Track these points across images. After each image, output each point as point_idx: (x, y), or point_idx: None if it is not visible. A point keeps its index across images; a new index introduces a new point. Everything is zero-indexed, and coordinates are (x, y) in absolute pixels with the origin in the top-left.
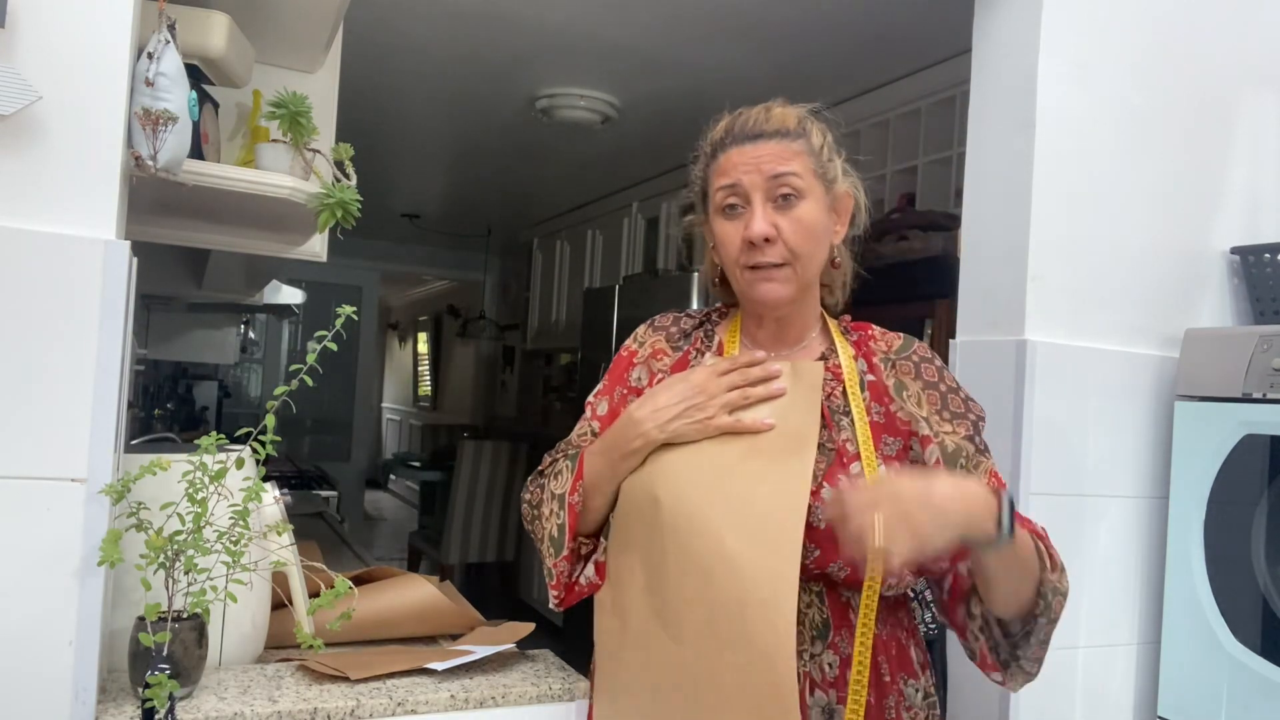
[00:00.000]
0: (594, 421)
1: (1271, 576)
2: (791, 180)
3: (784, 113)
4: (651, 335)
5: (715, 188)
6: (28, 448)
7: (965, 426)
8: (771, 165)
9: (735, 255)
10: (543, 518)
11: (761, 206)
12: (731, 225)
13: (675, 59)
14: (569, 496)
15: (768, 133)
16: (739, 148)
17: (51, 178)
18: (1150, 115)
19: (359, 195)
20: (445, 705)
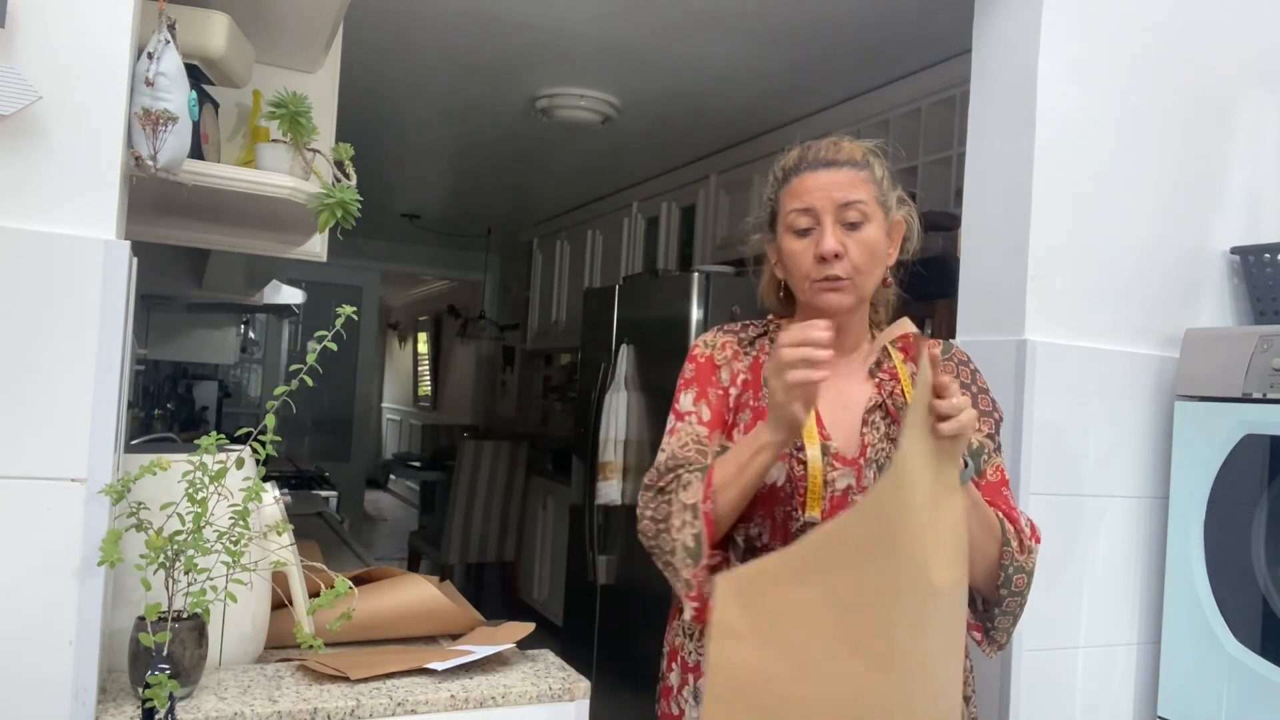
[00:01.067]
0: (700, 428)
1: (1271, 576)
2: (860, 206)
3: (852, 146)
4: (723, 337)
5: (788, 209)
6: (28, 448)
7: (989, 425)
8: (843, 193)
9: (806, 270)
10: (673, 530)
11: (831, 227)
12: (801, 244)
13: (675, 59)
14: (703, 505)
15: (839, 162)
16: (813, 174)
17: (51, 178)
18: (1150, 115)
19: (359, 195)
20: (445, 705)
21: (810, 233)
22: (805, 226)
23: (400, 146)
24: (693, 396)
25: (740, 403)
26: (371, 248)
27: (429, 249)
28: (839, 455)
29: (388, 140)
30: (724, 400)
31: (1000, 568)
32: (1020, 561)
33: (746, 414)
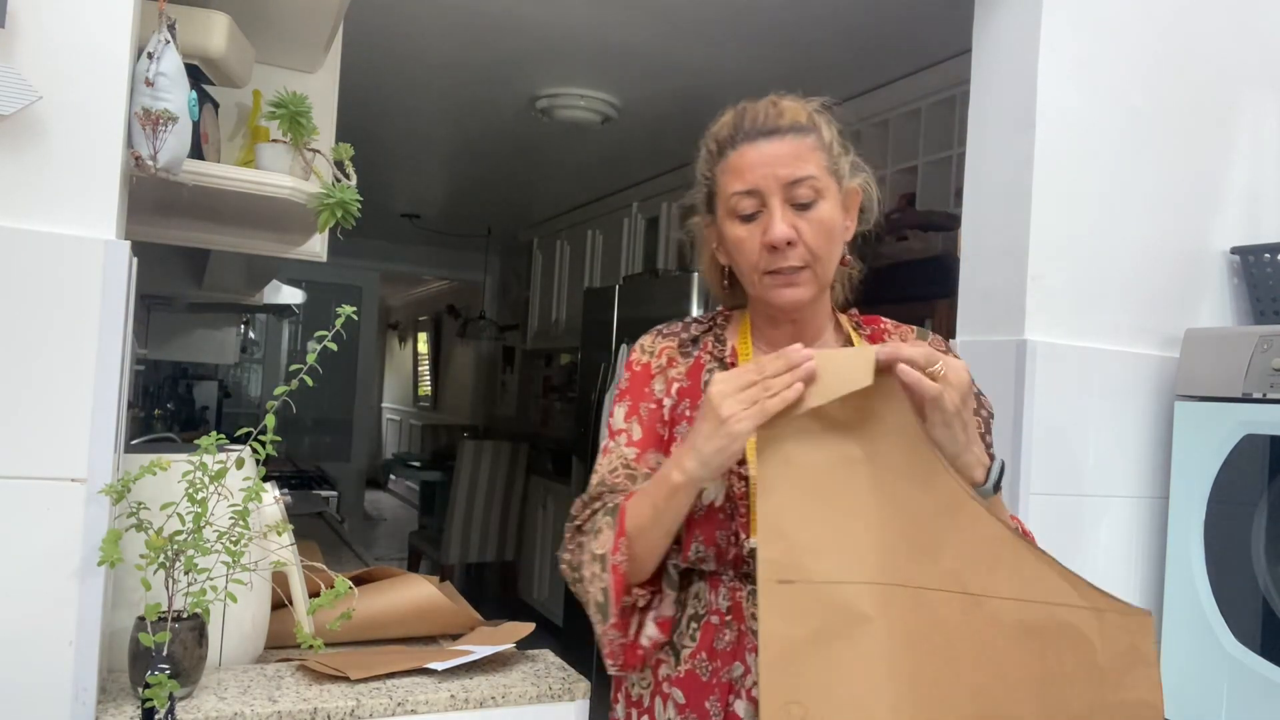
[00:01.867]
0: (629, 449)
1: (1271, 576)
2: (811, 183)
3: (794, 107)
4: (661, 342)
5: (729, 191)
6: (28, 448)
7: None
8: (789, 169)
9: (754, 260)
10: (585, 580)
11: (780, 209)
12: (747, 229)
13: (675, 59)
14: (611, 557)
15: (781, 129)
16: (751, 145)
17: (51, 178)
18: (1150, 115)
19: (359, 195)
20: (445, 705)
21: (756, 217)
22: (750, 210)
23: (400, 146)
24: (625, 411)
25: (676, 414)
26: (371, 248)
27: (429, 249)
28: None
29: (388, 140)
30: (656, 415)
31: None
32: None
33: (683, 426)
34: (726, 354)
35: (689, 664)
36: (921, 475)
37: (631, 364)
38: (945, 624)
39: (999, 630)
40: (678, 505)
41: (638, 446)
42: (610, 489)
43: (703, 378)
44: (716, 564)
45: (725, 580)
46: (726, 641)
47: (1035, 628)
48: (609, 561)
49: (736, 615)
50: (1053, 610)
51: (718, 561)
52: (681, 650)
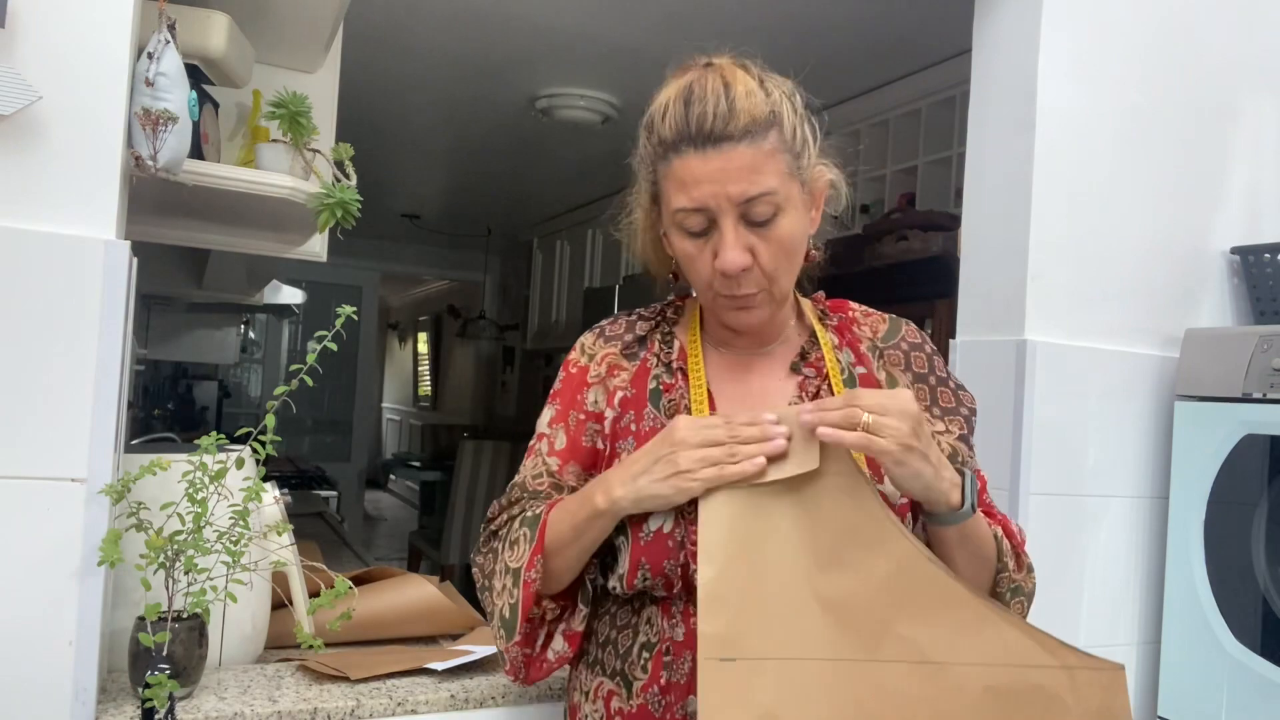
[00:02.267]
0: (551, 458)
1: (1271, 576)
2: (770, 199)
3: (750, 96)
4: (602, 347)
5: (674, 205)
6: (28, 448)
7: (958, 424)
8: (742, 187)
9: (705, 279)
10: (494, 591)
11: (734, 231)
12: (695, 245)
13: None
14: (525, 573)
15: (734, 135)
16: (699, 154)
17: (51, 178)
18: (1150, 115)
19: (359, 195)
20: (445, 705)
21: (706, 233)
22: (698, 228)
23: (400, 146)
24: (552, 415)
25: (620, 428)
26: (371, 248)
27: (429, 249)
28: None
29: (388, 140)
30: (584, 427)
31: (996, 592)
32: (1018, 581)
33: (629, 442)
34: (674, 356)
35: (641, 698)
36: (871, 538)
37: (569, 364)
38: (903, 697)
39: (963, 699)
40: (598, 530)
41: (559, 457)
42: (531, 494)
43: (649, 384)
44: (666, 591)
45: (677, 606)
46: (681, 673)
47: (1004, 692)
48: (521, 577)
49: (690, 644)
50: (1023, 672)
51: (666, 590)
52: (634, 683)
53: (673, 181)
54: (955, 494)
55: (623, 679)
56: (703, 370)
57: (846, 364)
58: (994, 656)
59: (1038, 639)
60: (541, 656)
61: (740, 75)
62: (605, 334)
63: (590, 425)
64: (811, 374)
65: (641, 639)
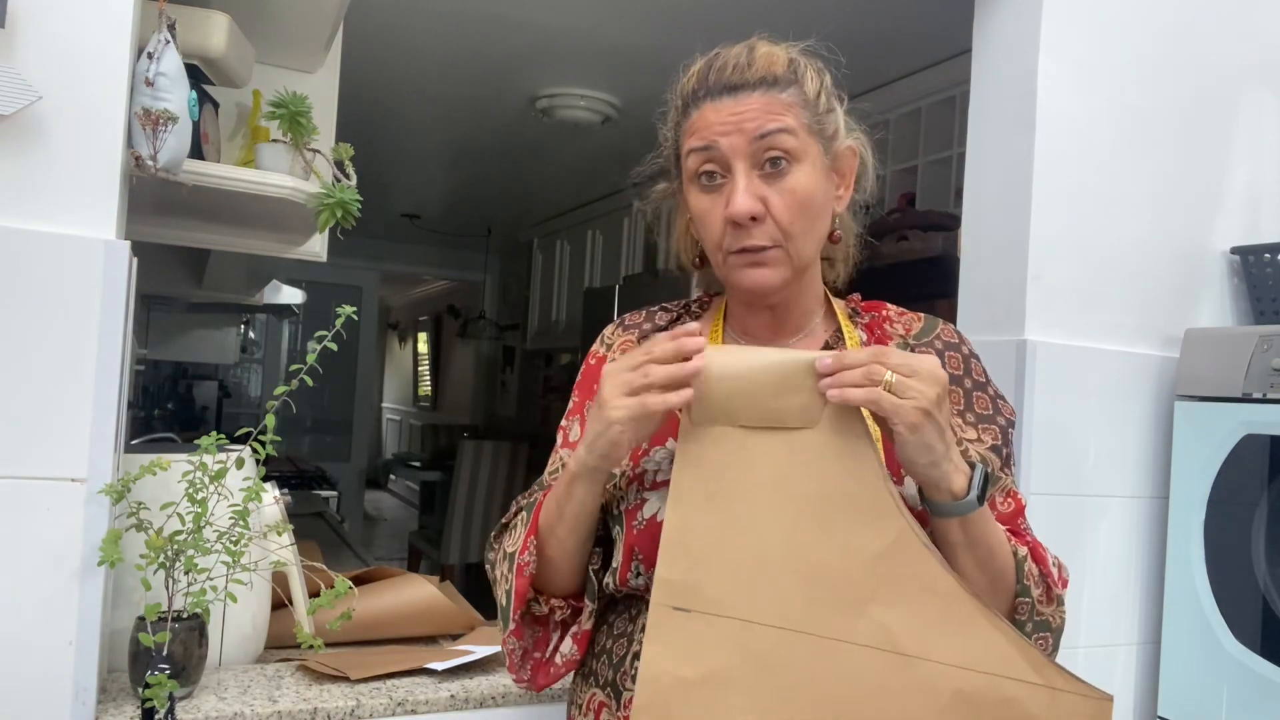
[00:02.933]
0: (564, 450)
1: (1271, 576)
2: (782, 140)
3: (770, 53)
4: (621, 335)
5: (687, 149)
6: (28, 448)
7: (992, 433)
8: (756, 121)
9: (717, 237)
10: (496, 582)
11: (746, 176)
12: (709, 199)
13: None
14: (519, 556)
15: (750, 82)
16: (715, 102)
17: (51, 178)
18: (1150, 115)
19: (359, 195)
20: (445, 705)
21: (720, 185)
22: (711, 173)
23: (400, 146)
24: (570, 408)
25: None
26: (371, 248)
27: (429, 249)
28: None
29: (388, 140)
30: None
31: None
32: (1045, 615)
33: None
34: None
35: (628, 710)
36: (866, 508)
37: (589, 356)
38: (864, 685)
39: (929, 698)
40: (578, 498)
41: (571, 448)
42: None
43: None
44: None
45: None
46: None
47: (973, 699)
48: (515, 561)
49: None
50: (999, 683)
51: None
52: (623, 693)
53: (690, 133)
54: (960, 479)
55: (613, 689)
56: None
57: None
58: (972, 660)
59: (1026, 653)
60: (550, 661)
61: (765, 43)
62: (625, 324)
63: None
64: None
65: (635, 648)
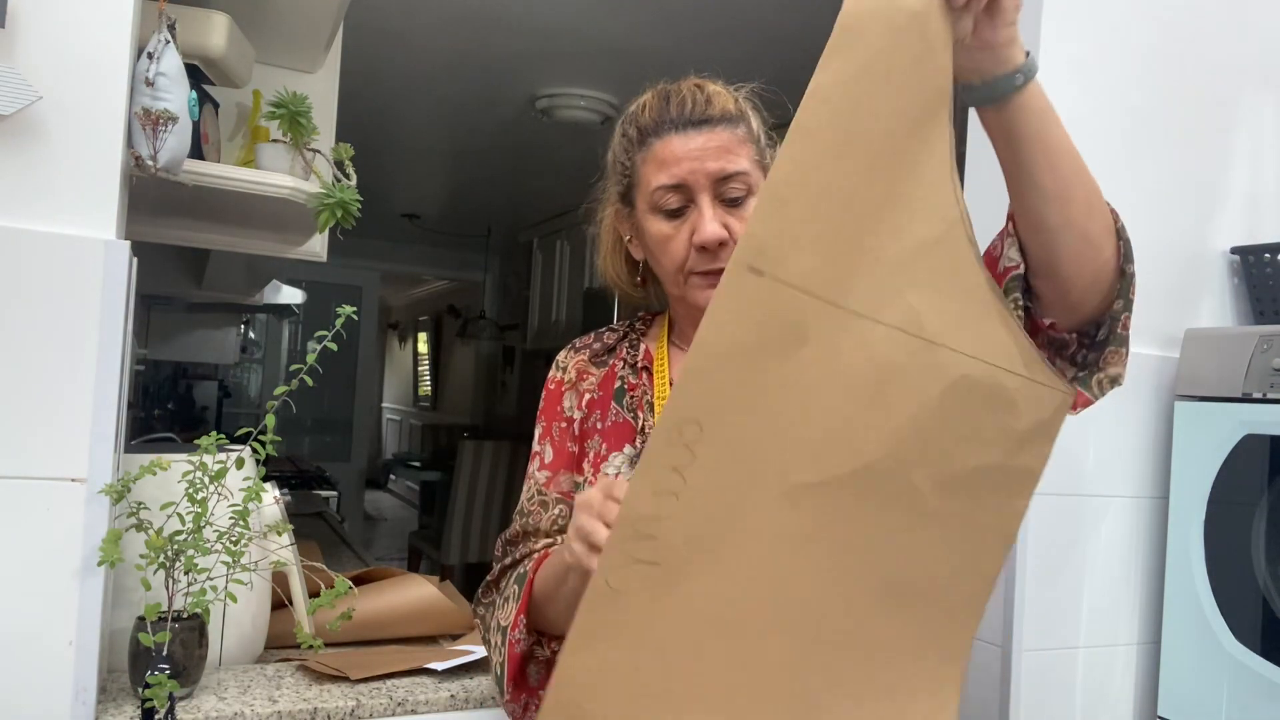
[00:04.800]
0: (541, 472)
1: (1271, 576)
2: (744, 179)
3: (721, 93)
4: (574, 357)
5: (652, 185)
6: (28, 448)
7: None
8: (719, 163)
9: (679, 260)
10: (490, 645)
11: (711, 207)
12: (671, 226)
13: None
14: (510, 633)
15: (712, 118)
16: (679, 135)
17: (51, 178)
18: (1150, 115)
19: (359, 195)
20: (445, 705)
21: (682, 213)
22: (675, 206)
23: (400, 146)
24: (539, 433)
25: (586, 428)
26: (371, 248)
27: (429, 249)
28: None
29: (388, 140)
30: (567, 433)
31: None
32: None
33: (595, 440)
34: (640, 358)
35: None
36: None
37: (548, 382)
38: (882, 365)
39: (936, 380)
40: (572, 586)
41: (549, 469)
42: (524, 521)
43: (614, 385)
44: None
45: None
46: None
47: (974, 384)
48: (508, 637)
49: None
50: (995, 373)
51: None
52: None
53: (652, 163)
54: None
55: None
56: (667, 369)
57: None
58: (980, 351)
59: (1023, 348)
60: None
61: (711, 83)
62: (576, 346)
63: (569, 430)
64: None
65: None
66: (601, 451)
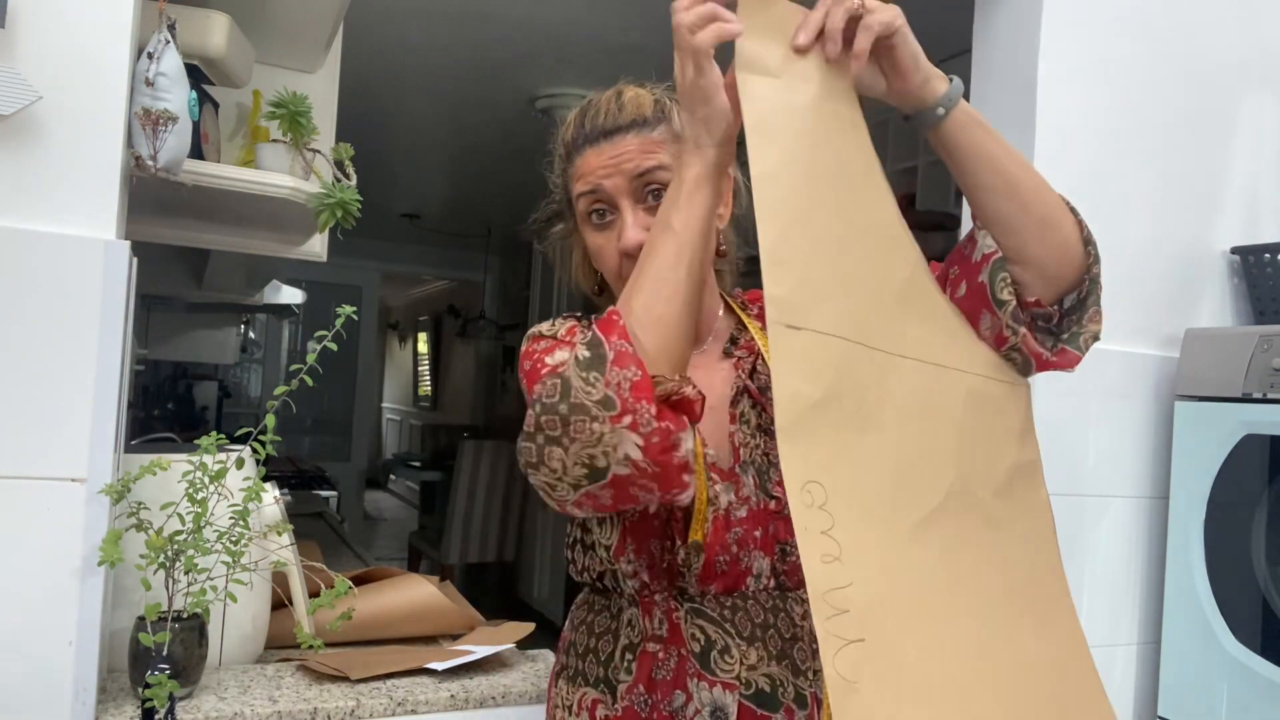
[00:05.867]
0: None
1: (1271, 576)
2: (658, 175)
3: (637, 96)
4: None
5: (577, 194)
6: (28, 448)
7: None
8: (635, 161)
9: (614, 268)
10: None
11: (631, 212)
12: (602, 236)
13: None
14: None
15: (624, 125)
16: (594, 147)
17: (51, 178)
18: (1150, 115)
19: (359, 195)
20: (445, 705)
21: (610, 222)
22: (600, 211)
23: (400, 146)
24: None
25: None
26: (371, 248)
27: (429, 249)
28: (716, 466)
29: (388, 140)
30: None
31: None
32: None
33: None
34: None
35: (626, 699)
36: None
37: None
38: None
39: (955, 399)
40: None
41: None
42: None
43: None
44: (649, 577)
45: (658, 602)
46: (667, 670)
47: (978, 396)
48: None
49: (675, 639)
50: (986, 382)
51: (650, 574)
52: (618, 686)
53: (576, 178)
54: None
55: (606, 685)
56: None
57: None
58: (971, 365)
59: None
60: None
61: (632, 87)
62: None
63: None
64: (744, 354)
65: (623, 641)
66: None
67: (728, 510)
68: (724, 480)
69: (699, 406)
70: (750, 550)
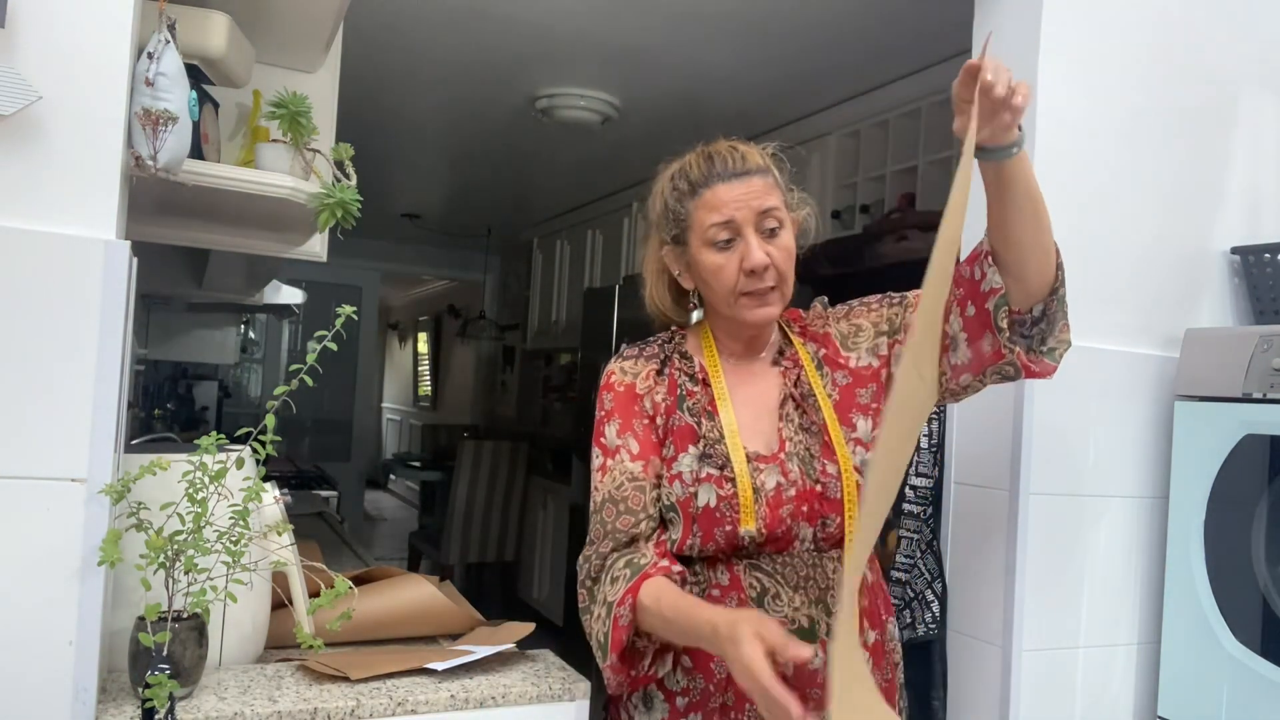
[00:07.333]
0: (633, 464)
1: (1271, 576)
2: (776, 213)
3: (752, 151)
4: (641, 365)
5: (706, 224)
6: (28, 448)
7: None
8: (760, 201)
9: (731, 284)
10: (593, 616)
11: (754, 238)
12: (724, 256)
13: (675, 59)
14: (616, 607)
15: (750, 170)
16: (726, 184)
17: (51, 178)
18: (1150, 115)
19: (359, 195)
20: (445, 705)
21: (732, 244)
22: (727, 239)
23: (400, 146)
24: (616, 429)
25: (667, 428)
26: (371, 248)
27: (429, 249)
28: (760, 456)
29: (388, 140)
30: (651, 429)
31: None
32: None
33: (668, 441)
34: (696, 370)
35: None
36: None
37: (613, 385)
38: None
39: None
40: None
41: (639, 459)
42: (617, 504)
43: (678, 393)
44: (715, 551)
45: (722, 559)
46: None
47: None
48: (613, 611)
49: (735, 586)
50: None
51: (715, 550)
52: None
53: (705, 209)
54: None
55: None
56: (723, 380)
57: (812, 351)
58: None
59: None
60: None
61: (742, 143)
62: (626, 356)
63: (652, 427)
64: (789, 364)
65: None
66: (672, 452)
67: (778, 490)
68: (768, 464)
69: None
70: (799, 521)
